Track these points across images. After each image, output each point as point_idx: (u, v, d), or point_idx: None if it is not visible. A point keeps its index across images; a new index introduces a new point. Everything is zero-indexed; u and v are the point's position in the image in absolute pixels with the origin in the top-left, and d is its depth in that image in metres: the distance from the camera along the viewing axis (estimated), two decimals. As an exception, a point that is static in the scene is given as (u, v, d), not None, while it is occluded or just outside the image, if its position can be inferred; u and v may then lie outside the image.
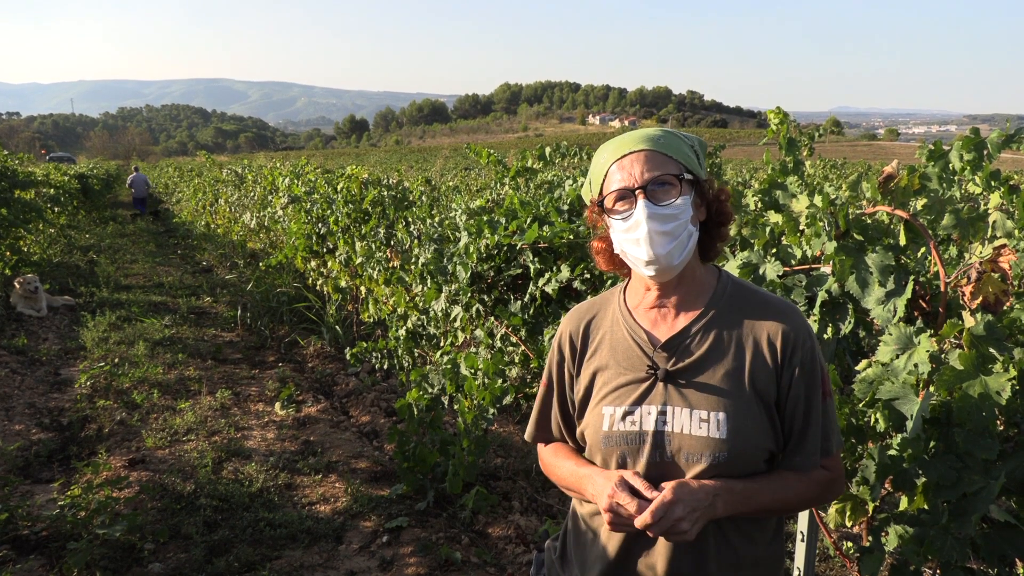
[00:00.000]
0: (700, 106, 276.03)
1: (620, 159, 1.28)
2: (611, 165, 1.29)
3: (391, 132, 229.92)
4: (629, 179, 1.26)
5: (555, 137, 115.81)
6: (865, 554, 1.59)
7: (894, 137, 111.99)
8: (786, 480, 1.30)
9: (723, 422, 1.25)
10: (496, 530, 3.43)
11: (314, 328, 7.22)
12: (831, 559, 3.25)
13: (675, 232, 1.25)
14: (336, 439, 4.57)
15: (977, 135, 1.82)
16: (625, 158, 1.28)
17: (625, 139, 1.31)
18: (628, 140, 1.30)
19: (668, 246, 1.25)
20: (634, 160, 1.27)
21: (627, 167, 1.27)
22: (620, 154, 1.29)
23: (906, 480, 1.52)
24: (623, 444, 1.30)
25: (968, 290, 1.63)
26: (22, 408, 4.97)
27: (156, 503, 3.60)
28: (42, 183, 11.73)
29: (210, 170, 16.76)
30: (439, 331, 4.09)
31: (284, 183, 8.01)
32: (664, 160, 1.27)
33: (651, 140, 1.28)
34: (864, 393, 1.63)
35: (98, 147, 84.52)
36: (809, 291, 1.93)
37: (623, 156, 1.28)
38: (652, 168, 1.26)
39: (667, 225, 1.24)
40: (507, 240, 3.17)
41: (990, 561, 1.51)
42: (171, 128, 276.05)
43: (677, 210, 1.25)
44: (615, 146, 1.31)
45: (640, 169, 1.26)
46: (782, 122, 2.37)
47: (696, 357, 1.30)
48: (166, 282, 9.86)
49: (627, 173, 1.27)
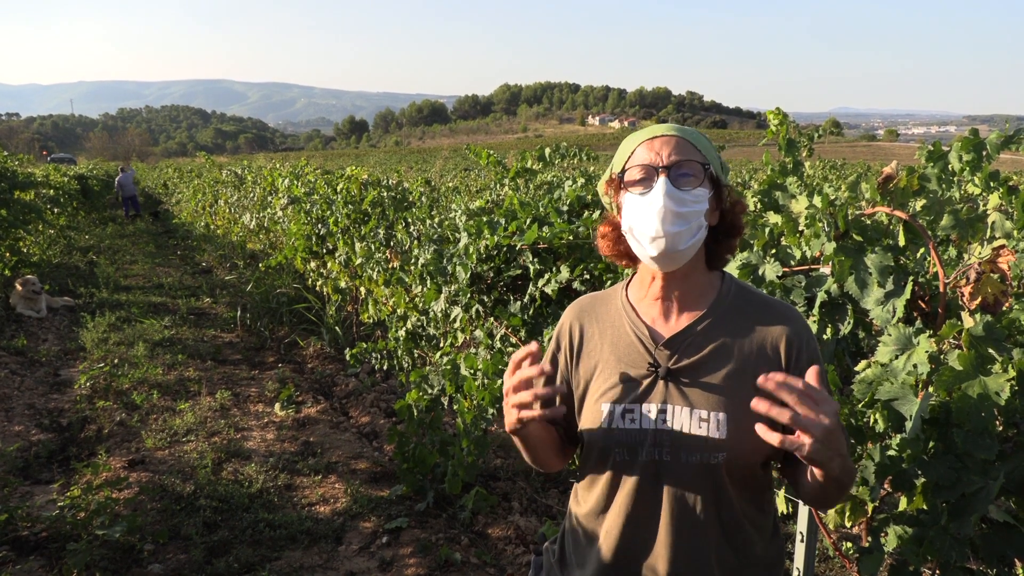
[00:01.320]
0: (700, 107, 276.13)
1: (650, 140, 1.30)
2: (639, 145, 1.31)
3: (391, 133, 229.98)
4: (656, 158, 1.27)
5: (555, 138, 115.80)
6: (864, 554, 1.59)
7: (894, 138, 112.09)
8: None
9: (723, 422, 1.25)
10: (496, 531, 3.43)
11: (314, 329, 7.22)
12: (831, 559, 3.25)
13: (688, 216, 1.25)
14: (336, 440, 4.57)
15: (976, 136, 1.82)
16: (655, 140, 1.29)
17: (657, 126, 1.33)
18: (659, 127, 1.32)
19: (678, 227, 1.24)
20: (663, 143, 1.28)
21: (655, 147, 1.28)
22: (650, 136, 1.31)
23: (905, 480, 1.52)
24: (622, 441, 1.30)
25: (967, 291, 1.63)
26: (22, 409, 4.97)
27: (156, 504, 3.60)
28: (42, 184, 11.73)
29: (210, 171, 16.76)
30: (439, 332, 4.10)
31: (284, 184, 8.02)
32: (692, 149, 1.28)
33: (682, 130, 1.31)
34: (863, 394, 1.63)
35: (98, 148, 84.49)
36: (808, 292, 1.93)
37: (653, 138, 1.30)
38: (679, 153, 1.27)
39: (681, 208, 1.25)
40: (507, 241, 3.18)
41: (989, 561, 1.51)
42: (171, 129, 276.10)
43: (695, 197, 1.26)
44: (647, 131, 1.33)
45: (668, 151, 1.27)
46: (781, 123, 2.37)
47: (698, 356, 1.30)
48: (166, 283, 9.86)
49: (654, 153, 1.28)
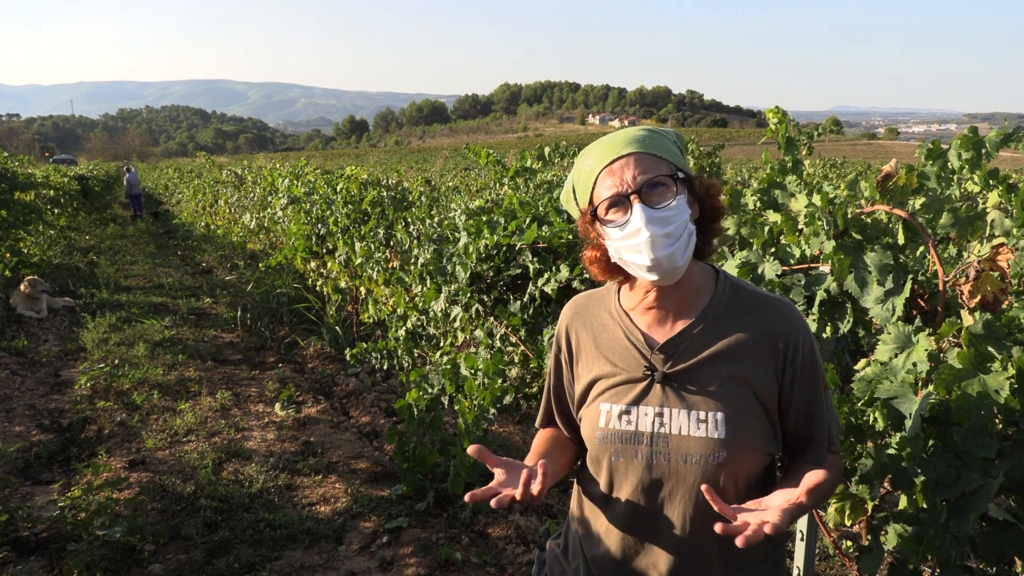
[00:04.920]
0: (700, 105, 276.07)
1: (609, 165, 1.23)
2: (599, 172, 1.24)
3: (391, 133, 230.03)
4: (621, 185, 1.21)
5: (555, 137, 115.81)
6: (864, 553, 1.59)
7: (894, 136, 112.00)
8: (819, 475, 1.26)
9: (722, 422, 1.24)
10: (496, 530, 3.43)
11: (314, 329, 7.22)
12: (831, 558, 3.25)
13: (675, 233, 1.21)
14: (336, 440, 4.57)
15: (975, 134, 1.82)
16: (614, 163, 1.23)
17: (609, 143, 1.26)
18: (613, 144, 1.25)
19: (669, 248, 1.20)
20: (624, 165, 1.22)
21: (617, 172, 1.22)
22: (607, 160, 1.24)
23: (905, 479, 1.52)
24: (618, 443, 1.30)
25: (967, 289, 1.63)
26: (22, 409, 4.97)
27: (156, 504, 3.60)
28: (42, 185, 11.73)
29: (210, 171, 16.77)
30: (439, 331, 4.10)
31: (284, 184, 8.02)
32: (654, 161, 1.22)
33: (638, 142, 1.24)
34: (863, 392, 1.63)
35: (98, 149, 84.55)
36: (808, 290, 1.93)
37: (611, 162, 1.23)
38: (644, 171, 1.21)
39: (667, 227, 1.19)
40: (506, 240, 3.17)
41: (989, 560, 1.50)
42: (171, 129, 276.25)
43: (674, 211, 1.21)
44: (600, 151, 1.26)
45: (632, 173, 1.21)
46: (781, 121, 2.37)
47: (694, 360, 1.28)
48: (166, 283, 9.86)
49: (618, 179, 1.22)
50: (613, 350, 1.35)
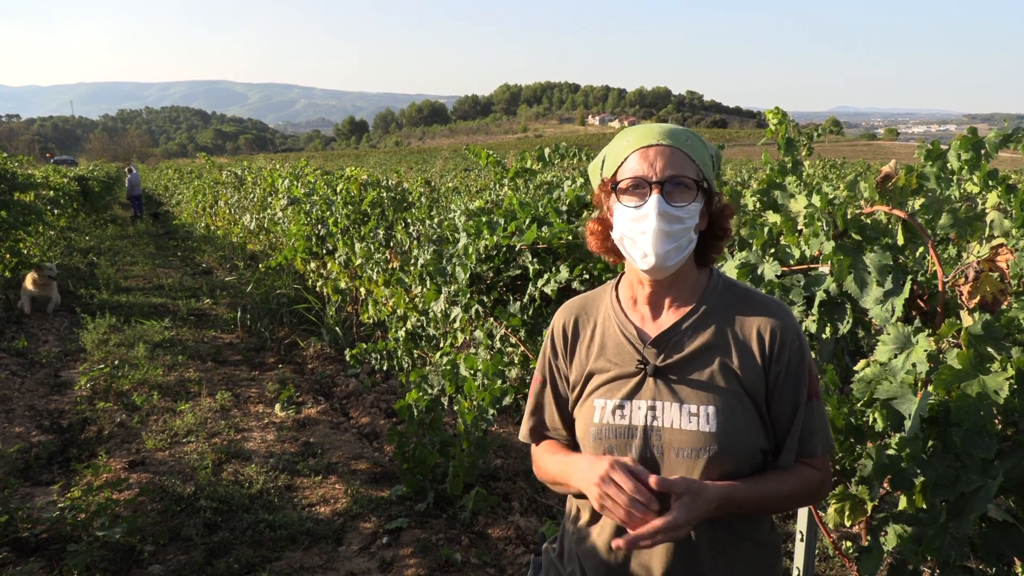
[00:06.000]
0: (699, 106, 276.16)
1: (644, 148, 1.26)
2: (634, 151, 1.27)
3: (391, 133, 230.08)
4: (649, 171, 1.24)
5: (554, 138, 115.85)
6: (864, 553, 1.59)
7: (893, 137, 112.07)
8: (775, 479, 1.30)
9: (712, 415, 1.26)
10: (496, 531, 3.43)
11: (314, 330, 7.22)
12: (831, 559, 3.25)
13: (677, 235, 1.25)
14: (336, 440, 4.57)
15: (975, 135, 1.82)
16: (650, 148, 1.26)
17: (653, 129, 1.29)
18: (656, 131, 1.28)
19: (667, 247, 1.24)
20: (658, 153, 1.25)
21: (650, 158, 1.25)
22: (645, 143, 1.27)
23: (904, 479, 1.52)
24: (612, 438, 1.31)
25: (966, 289, 1.63)
26: (22, 410, 4.97)
27: (156, 505, 3.60)
28: (42, 185, 11.72)
29: (210, 172, 16.77)
30: (439, 332, 4.10)
31: (283, 185, 8.02)
32: (686, 162, 1.26)
33: (678, 138, 1.27)
34: (862, 393, 1.63)
35: (98, 149, 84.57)
36: (807, 291, 1.93)
37: (648, 146, 1.26)
38: (674, 167, 1.24)
39: (673, 226, 1.24)
40: (506, 241, 3.17)
41: (988, 560, 1.51)
42: (171, 130, 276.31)
43: (686, 214, 1.25)
44: (641, 133, 1.29)
45: (662, 164, 1.24)
46: (780, 122, 2.37)
47: (685, 353, 1.30)
48: (166, 284, 9.86)
49: (648, 164, 1.25)
50: (607, 346, 1.37)
